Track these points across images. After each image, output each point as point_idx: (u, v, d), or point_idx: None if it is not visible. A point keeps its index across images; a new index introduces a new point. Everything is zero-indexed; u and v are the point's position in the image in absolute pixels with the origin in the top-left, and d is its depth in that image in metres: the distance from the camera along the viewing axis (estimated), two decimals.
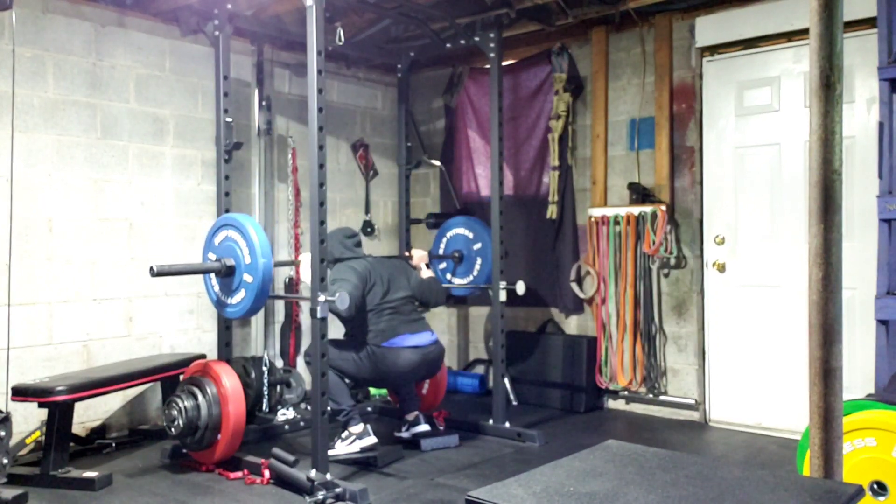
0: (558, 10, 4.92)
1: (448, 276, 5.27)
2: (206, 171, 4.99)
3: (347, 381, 4.20)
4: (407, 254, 4.93)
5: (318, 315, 3.59)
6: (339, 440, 4.06)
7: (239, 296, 3.69)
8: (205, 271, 3.78)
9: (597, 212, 5.21)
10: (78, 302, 4.40)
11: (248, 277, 3.63)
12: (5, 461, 3.30)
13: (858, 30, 4.16)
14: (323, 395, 3.61)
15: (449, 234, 5.31)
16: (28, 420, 4.10)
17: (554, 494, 1.71)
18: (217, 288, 3.82)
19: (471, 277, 5.17)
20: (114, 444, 4.32)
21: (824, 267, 1.84)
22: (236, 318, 3.96)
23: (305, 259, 3.97)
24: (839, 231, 1.84)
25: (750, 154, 4.75)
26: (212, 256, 3.81)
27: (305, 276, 3.91)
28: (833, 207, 1.83)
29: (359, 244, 4.43)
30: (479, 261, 5.10)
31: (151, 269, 3.51)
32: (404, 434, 4.43)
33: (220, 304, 3.83)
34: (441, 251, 5.31)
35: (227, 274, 3.71)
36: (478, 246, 5.09)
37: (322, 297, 3.58)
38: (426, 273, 4.64)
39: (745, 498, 1.68)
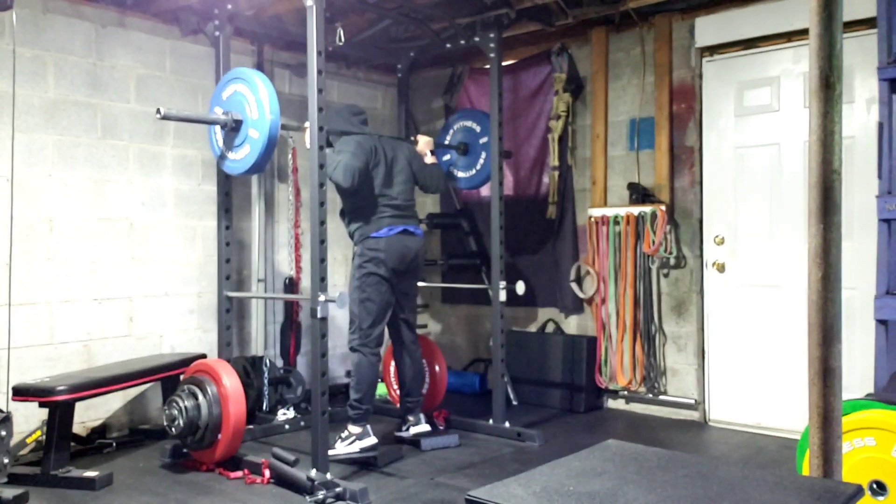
0: (558, 11, 4.92)
1: (451, 167, 5.21)
2: (207, 171, 5.00)
3: (375, 318, 4.14)
4: (413, 138, 4.87)
5: (318, 315, 3.59)
6: (339, 440, 4.07)
7: (243, 151, 3.69)
8: (211, 122, 3.78)
9: (596, 212, 5.22)
10: (78, 302, 4.41)
11: (253, 133, 3.62)
12: (6, 461, 3.30)
13: (858, 30, 4.16)
14: (323, 394, 3.61)
15: (456, 126, 5.25)
16: (29, 420, 4.11)
17: (554, 494, 1.71)
18: (221, 142, 3.81)
19: (473, 171, 5.12)
20: (114, 444, 4.33)
21: (824, 267, 1.84)
22: (236, 175, 3.91)
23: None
24: (838, 231, 1.85)
25: (750, 154, 4.75)
26: (218, 110, 3.79)
27: (307, 142, 3.79)
28: (832, 207, 1.83)
29: (365, 122, 4.41)
30: (483, 155, 5.03)
31: (158, 110, 3.50)
32: (404, 434, 4.44)
33: (222, 158, 3.84)
34: (447, 141, 5.25)
35: (232, 128, 3.70)
36: (484, 140, 5.01)
37: (322, 297, 3.58)
38: (430, 159, 4.59)
39: (745, 497, 1.68)
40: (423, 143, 4.64)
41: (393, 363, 4.94)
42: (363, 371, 4.11)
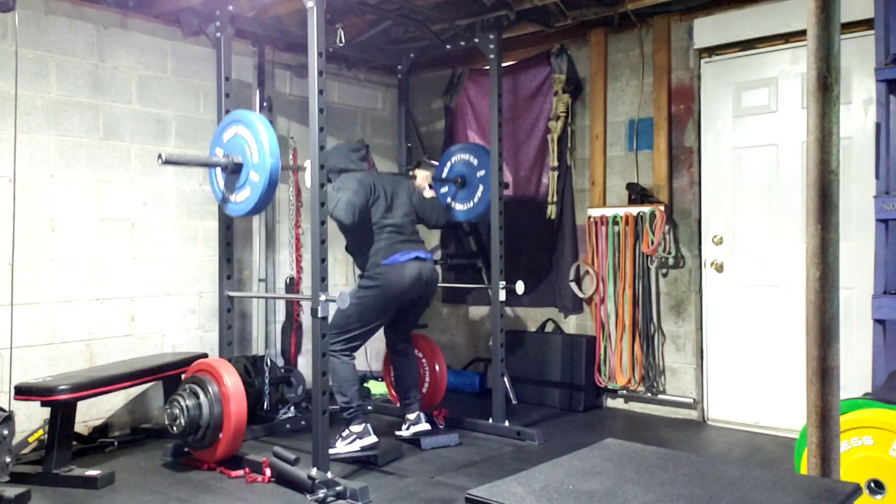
0: (557, 12, 4.93)
1: (449, 200, 5.23)
2: (208, 172, 5.00)
3: (353, 333, 4.15)
4: (411, 173, 4.90)
5: (319, 315, 3.61)
6: (340, 439, 4.08)
7: (244, 193, 3.71)
8: (212, 165, 3.81)
9: (596, 212, 5.23)
10: (80, 301, 4.42)
11: (254, 176, 3.64)
12: (8, 460, 3.31)
13: (856, 31, 4.18)
14: (324, 394, 3.63)
15: (454, 159, 5.28)
16: (31, 419, 4.12)
17: (553, 493, 1.72)
18: (222, 184, 3.83)
19: (471, 204, 5.15)
20: (116, 443, 4.33)
21: (821, 267, 1.85)
22: (238, 216, 3.93)
23: (309, 165, 3.87)
24: (836, 231, 1.86)
25: (748, 155, 4.77)
26: (219, 152, 3.81)
27: (307, 181, 3.83)
28: (830, 208, 1.84)
29: (364, 158, 4.43)
30: (480, 188, 5.06)
31: (160, 156, 3.52)
32: (404, 433, 4.45)
33: (224, 201, 3.85)
34: (444, 175, 5.28)
35: (233, 170, 3.72)
36: (481, 173, 5.04)
37: (322, 297, 3.59)
38: (428, 193, 4.61)
39: (743, 496, 1.69)
40: (421, 176, 4.68)
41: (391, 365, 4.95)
42: (340, 372, 4.10)
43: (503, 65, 4.95)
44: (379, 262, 4.16)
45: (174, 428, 3.82)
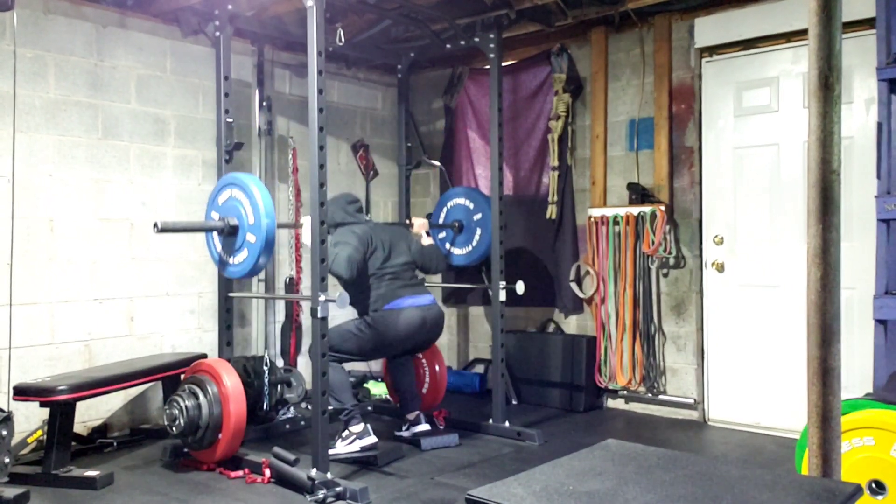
0: (558, 11, 4.93)
1: (448, 245, 5.24)
2: (207, 172, 5.00)
3: (350, 361, 4.21)
4: (408, 221, 4.90)
5: (319, 315, 3.60)
6: (340, 439, 4.07)
7: (241, 255, 3.72)
8: (208, 229, 3.82)
9: (596, 212, 5.23)
10: (79, 302, 4.41)
11: (250, 237, 3.65)
12: (7, 460, 3.30)
13: (857, 30, 4.17)
14: (323, 394, 3.62)
15: (450, 204, 5.29)
16: (30, 419, 4.11)
17: (553, 493, 1.71)
18: (219, 247, 3.84)
19: (469, 248, 5.15)
20: (115, 444, 4.33)
21: (823, 267, 1.85)
22: (238, 278, 3.94)
23: (307, 222, 3.91)
24: (838, 231, 1.85)
25: (749, 154, 4.76)
26: (215, 215, 3.81)
27: (306, 238, 3.86)
28: (831, 208, 1.84)
29: (360, 210, 4.45)
30: (478, 231, 5.07)
31: (156, 224, 3.52)
32: (404, 433, 4.45)
33: (222, 264, 3.86)
34: (441, 220, 5.29)
35: (230, 233, 3.73)
36: (478, 217, 5.05)
37: (322, 297, 3.59)
38: (426, 241, 4.63)
39: (744, 497, 1.69)
40: (418, 225, 4.71)
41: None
42: (331, 378, 4.07)
43: (503, 64, 4.94)
44: (379, 308, 4.18)
45: (173, 428, 3.81)
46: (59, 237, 4.34)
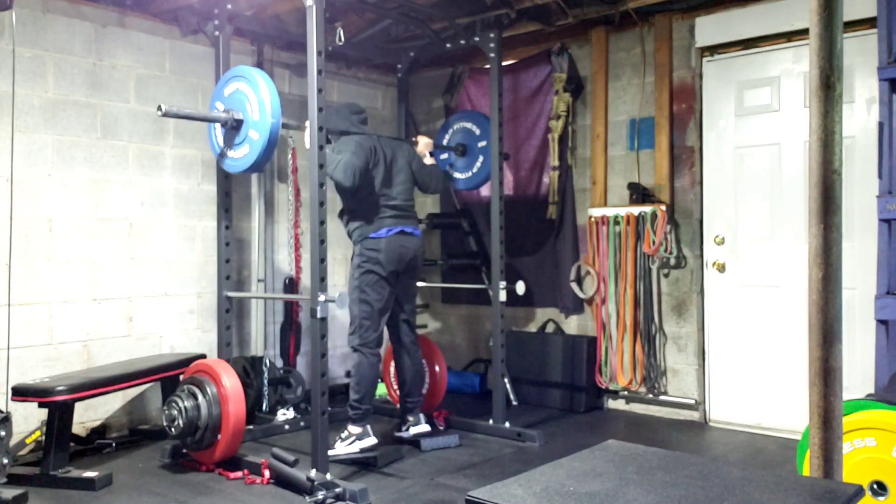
0: (558, 11, 4.92)
1: (448, 167, 5.20)
2: (207, 171, 4.99)
3: (372, 319, 4.14)
4: (413, 139, 4.88)
5: (318, 315, 3.59)
6: (339, 440, 4.07)
7: (242, 150, 3.69)
8: (212, 120, 3.77)
9: (597, 212, 5.22)
10: (78, 302, 4.41)
11: (253, 134, 3.61)
12: (5, 461, 3.30)
13: (858, 30, 4.16)
14: (323, 394, 3.61)
15: (455, 126, 5.25)
16: (28, 420, 4.10)
17: (554, 494, 1.71)
18: (220, 139, 3.81)
19: (470, 174, 5.12)
20: (114, 444, 4.32)
21: (824, 267, 1.84)
22: (235, 172, 3.90)
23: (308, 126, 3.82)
24: (839, 231, 1.84)
25: (750, 154, 4.75)
26: (220, 106, 3.77)
27: (306, 142, 3.78)
28: (833, 207, 1.83)
29: (365, 121, 4.40)
30: (480, 158, 5.03)
31: (159, 107, 3.48)
32: (404, 434, 4.43)
33: (221, 156, 3.83)
34: (445, 142, 5.24)
35: (233, 126, 3.69)
36: (482, 144, 5.00)
37: (322, 297, 3.58)
38: (429, 160, 4.61)
39: (745, 498, 1.68)
40: (423, 143, 4.65)
41: (393, 363, 4.93)
42: (363, 371, 4.11)
43: (504, 64, 4.94)
44: (366, 235, 4.17)
45: (172, 429, 3.81)
46: (57, 237, 4.33)
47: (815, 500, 1.66)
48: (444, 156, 5.23)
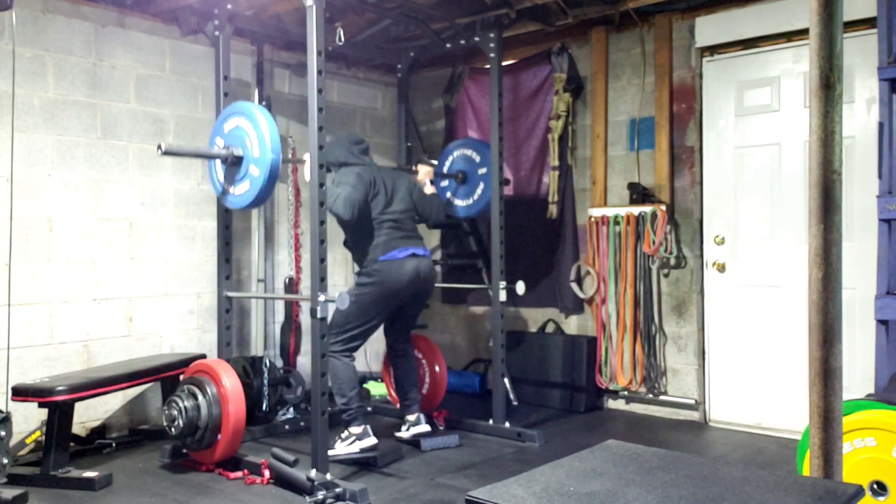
0: (558, 11, 4.92)
1: (448, 194, 5.20)
2: (206, 172, 4.97)
3: (353, 332, 4.14)
4: (413, 168, 4.89)
5: (318, 315, 3.59)
6: (339, 440, 4.06)
7: (243, 187, 3.68)
8: (212, 157, 3.77)
9: (597, 212, 5.22)
10: (78, 302, 4.41)
11: (254, 170, 3.61)
12: (5, 461, 3.29)
13: (858, 30, 4.16)
14: (323, 395, 3.61)
15: (455, 154, 5.24)
16: (28, 420, 4.10)
17: (554, 494, 1.71)
18: (221, 176, 3.80)
19: (471, 201, 5.12)
20: (114, 444, 4.32)
21: (824, 267, 1.84)
22: (237, 209, 3.90)
23: (307, 159, 3.83)
24: (839, 231, 1.84)
25: (750, 154, 4.75)
26: (220, 142, 3.77)
27: (306, 175, 3.80)
28: (833, 207, 1.83)
29: (365, 151, 4.40)
30: (481, 185, 5.02)
31: (160, 146, 3.47)
32: (404, 434, 4.43)
33: (223, 193, 3.83)
34: (445, 170, 5.25)
35: (233, 163, 3.69)
36: (482, 170, 4.99)
37: (321, 298, 3.58)
38: (429, 189, 4.61)
39: (746, 498, 1.68)
40: (423, 172, 4.68)
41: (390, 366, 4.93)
42: (340, 373, 4.09)
43: (504, 63, 4.93)
44: (376, 259, 4.16)
45: (172, 429, 3.81)
46: (57, 237, 4.33)
47: (815, 500, 1.66)
48: (444, 184, 5.23)
